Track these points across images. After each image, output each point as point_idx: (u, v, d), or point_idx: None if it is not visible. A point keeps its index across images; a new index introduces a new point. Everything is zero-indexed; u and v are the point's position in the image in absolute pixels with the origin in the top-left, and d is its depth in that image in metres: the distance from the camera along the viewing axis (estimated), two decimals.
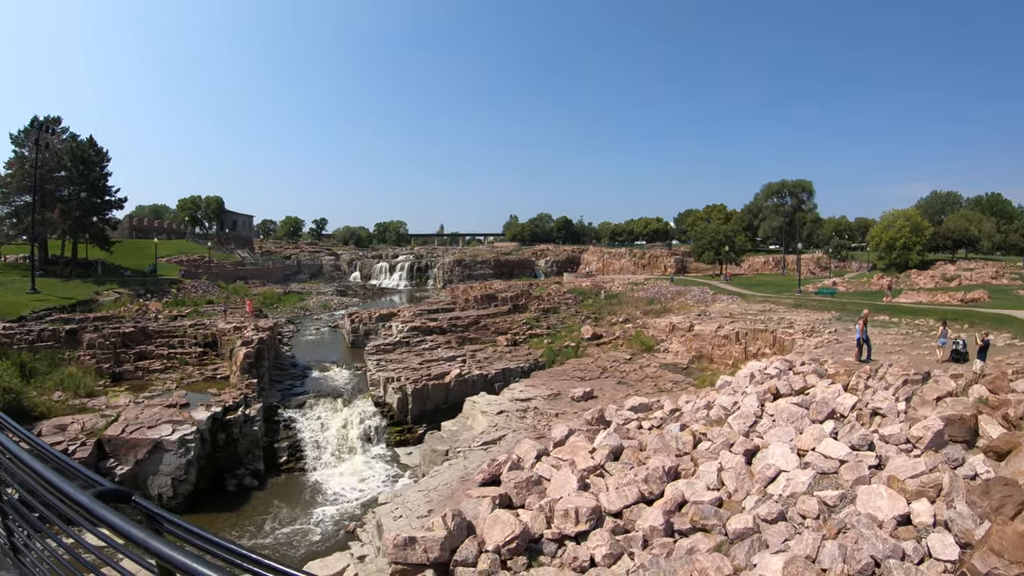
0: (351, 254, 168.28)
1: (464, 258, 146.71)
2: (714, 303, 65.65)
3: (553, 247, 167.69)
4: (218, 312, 59.97)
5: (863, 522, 14.77)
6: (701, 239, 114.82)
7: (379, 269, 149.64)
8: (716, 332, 47.38)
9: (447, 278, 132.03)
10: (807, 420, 21.60)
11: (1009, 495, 15.26)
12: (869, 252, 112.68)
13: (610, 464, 21.45)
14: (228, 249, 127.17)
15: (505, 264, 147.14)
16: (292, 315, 78.88)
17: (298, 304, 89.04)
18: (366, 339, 58.00)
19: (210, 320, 53.91)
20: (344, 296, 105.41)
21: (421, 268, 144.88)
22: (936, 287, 68.64)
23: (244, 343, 42.00)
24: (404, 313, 65.43)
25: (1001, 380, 23.14)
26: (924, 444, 18.20)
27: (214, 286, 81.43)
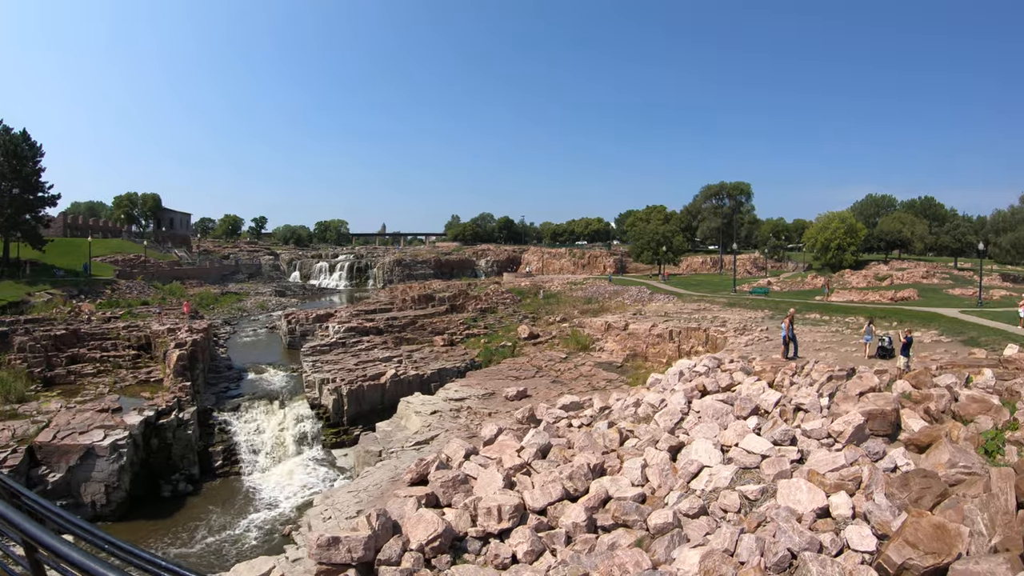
0: (291, 254, 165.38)
1: (404, 258, 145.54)
2: (651, 302, 66.17)
3: (494, 247, 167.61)
4: (153, 314, 58.48)
5: (782, 515, 14.89)
6: (640, 239, 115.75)
7: (319, 269, 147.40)
8: (650, 331, 47.71)
9: (387, 278, 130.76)
10: (732, 416, 21.77)
11: (928, 487, 15.48)
12: (805, 253, 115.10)
13: (537, 462, 21.39)
14: (165, 248, 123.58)
15: (446, 264, 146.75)
16: (229, 316, 77.62)
17: (235, 305, 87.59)
18: (303, 340, 56.99)
19: (144, 322, 52.58)
20: (283, 296, 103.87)
21: (361, 268, 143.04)
22: (868, 286, 70.32)
23: (177, 345, 41.00)
24: (341, 313, 64.84)
25: (924, 375, 23.62)
26: (845, 438, 18.47)
27: (149, 287, 79.35)
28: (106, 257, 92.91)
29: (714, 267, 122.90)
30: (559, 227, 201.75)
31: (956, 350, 31.88)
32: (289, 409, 38.65)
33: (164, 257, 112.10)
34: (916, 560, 12.03)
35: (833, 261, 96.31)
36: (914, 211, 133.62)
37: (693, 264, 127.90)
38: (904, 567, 12.08)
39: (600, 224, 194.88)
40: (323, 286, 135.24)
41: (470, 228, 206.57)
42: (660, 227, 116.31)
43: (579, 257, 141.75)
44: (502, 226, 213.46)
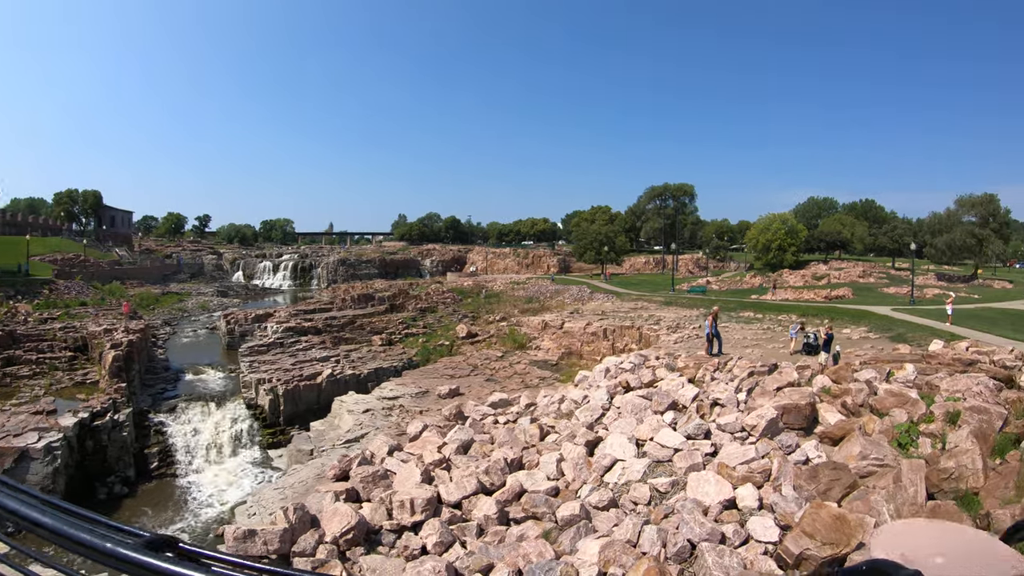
0: (235, 253, 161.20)
1: (349, 257, 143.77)
2: (590, 301, 66.78)
3: (440, 247, 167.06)
4: (91, 314, 56.71)
5: (688, 507, 15.05)
6: (583, 240, 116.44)
7: (263, 268, 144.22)
8: (585, 329, 48.05)
9: (331, 278, 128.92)
10: (650, 412, 21.95)
11: (837, 478, 15.62)
12: (747, 253, 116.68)
13: (457, 457, 21.70)
14: (106, 247, 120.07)
15: (390, 264, 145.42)
16: (169, 317, 75.97)
17: (176, 305, 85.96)
18: (242, 340, 56.23)
19: (81, 323, 51.09)
20: (225, 297, 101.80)
21: (305, 268, 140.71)
22: (805, 285, 71.69)
23: (113, 346, 40.08)
24: (280, 313, 64.04)
25: (845, 371, 23.97)
26: (759, 432, 18.72)
27: (88, 287, 77.02)
28: (45, 256, 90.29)
29: (657, 267, 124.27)
30: (505, 227, 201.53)
31: (883, 346, 32.60)
32: (226, 410, 38.22)
33: (105, 256, 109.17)
34: (813, 550, 12.10)
35: (774, 261, 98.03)
36: (855, 213, 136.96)
37: (636, 264, 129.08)
38: (802, 557, 12.15)
39: (546, 224, 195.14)
40: (267, 286, 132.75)
41: (417, 228, 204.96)
42: (603, 227, 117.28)
43: (523, 257, 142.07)
44: (449, 226, 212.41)
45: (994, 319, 45.41)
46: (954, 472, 14.86)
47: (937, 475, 14.94)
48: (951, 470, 14.90)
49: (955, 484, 14.74)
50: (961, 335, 35.04)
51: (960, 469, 14.86)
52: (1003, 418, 17.75)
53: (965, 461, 15.00)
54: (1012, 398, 20.48)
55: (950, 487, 14.75)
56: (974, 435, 16.26)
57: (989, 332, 37.41)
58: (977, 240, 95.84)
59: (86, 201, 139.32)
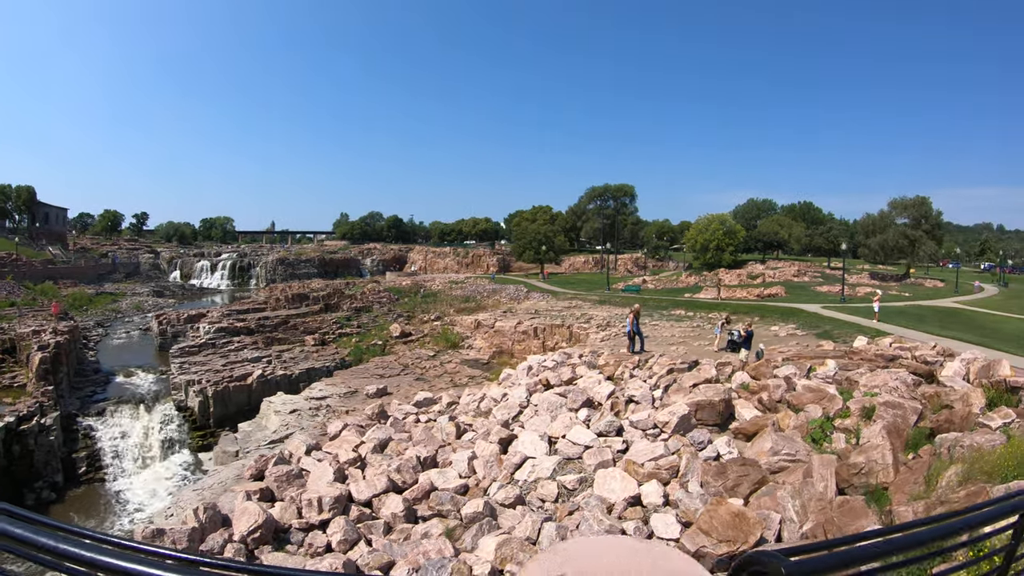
0: (173, 252, 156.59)
1: (288, 256, 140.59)
2: (526, 300, 66.86)
3: (381, 246, 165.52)
4: (19, 315, 54.53)
5: (592, 504, 15.06)
6: (522, 239, 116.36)
7: (200, 268, 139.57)
8: (516, 328, 47.85)
9: (270, 277, 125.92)
10: (565, 409, 21.82)
11: (745, 474, 15.33)
12: (685, 253, 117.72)
13: (373, 456, 21.60)
14: (39, 246, 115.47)
15: (330, 263, 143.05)
16: (103, 318, 73.68)
17: (110, 306, 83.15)
18: (175, 341, 54.85)
19: (9, 324, 49.09)
20: (161, 297, 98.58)
21: (244, 267, 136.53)
22: (740, 284, 72.29)
23: (40, 348, 38.74)
24: (212, 314, 62.69)
25: (765, 367, 23.84)
26: (671, 428, 18.50)
27: (20, 287, 74.23)
28: None
29: (596, 266, 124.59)
30: (448, 226, 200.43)
31: (808, 343, 32.86)
32: (156, 413, 37.75)
33: (38, 255, 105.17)
34: (709, 548, 11.91)
35: (712, 261, 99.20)
36: (793, 215, 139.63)
37: (575, 264, 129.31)
38: (698, 555, 11.89)
39: (488, 224, 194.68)
40: (204, 286, 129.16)
41: (359, 226, 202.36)
42: (542, 227, 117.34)
43: (463, 256, 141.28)
44: (391, 225, 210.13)
45: (922, 316, 46.32)
46: (864, 467, 14.63)
47: (847, 470, 14.70)
48: (861, 465, 14.67)
49: (865, 479, 14.50)
50: (886, 331, 35.52)
51: (870, 464, 14.65)
52: (918, 413, 17.58)
53: (875, 456, 14.79)
54: (929, 393, 20.43)
55: (860, 482, 14.50)
56: (887, 430, 16.07)
57: (916, 328, 38.13)
58: (909, 241, 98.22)
59: (19, 197, 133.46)
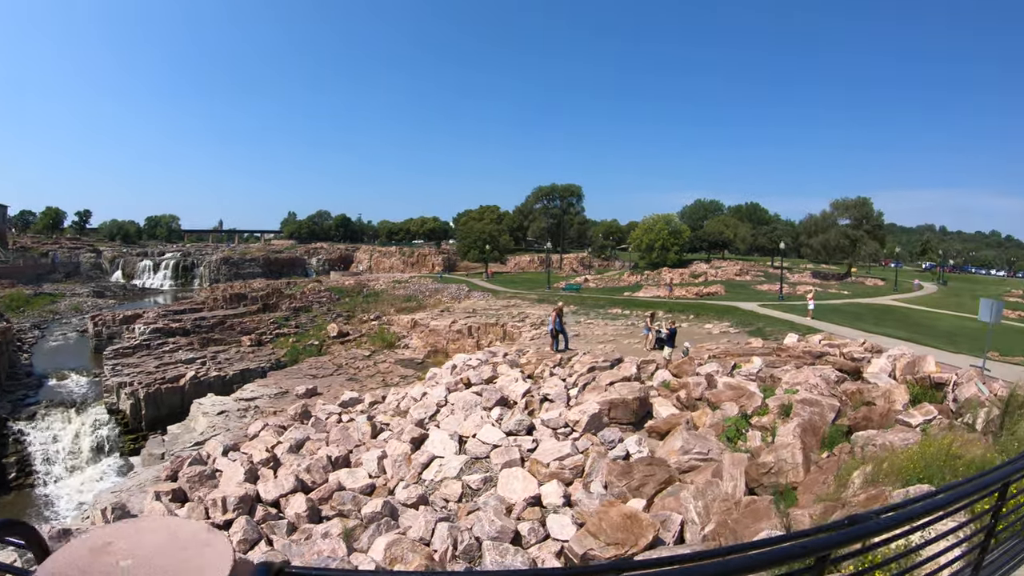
0: (115, 251, 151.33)
1: (233, 256, 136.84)
2: (467, 299, 66.63)
3: (327, 245, 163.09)
4: None
5: (490, 505, 14.93)
6: (467, 238, 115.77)
7: (143, 268, 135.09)
8: (451, 327, 47.49)
9: (213, 277, 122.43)
10: (479, 408, 21.47)
11: (651, 474, 14.87)
12: (631, 252, 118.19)
13: (288, 456, 21.41)
14: None
15: (276, 262, 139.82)
16: (39, 319, 71.76)
17: (48, 307, 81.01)
18: (110, 343, 53.37)
19: None
20: (101, 298, 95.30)
21: (187, 267, 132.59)
22: (681, 283, 72.30)
23: None
24: (148, 315, 60.92)
25: (688, 364, 23.53)
26: (582, 427, 18.22)
27: None
28: None
29: (541, 265, 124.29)
30: (395, 225, 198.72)
31: (740, 340, 32.67)
32: (87, 416, 36.88)
33: None
34: (597, 551, 11.58)
35: (657, 260, 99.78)
36: (740, 215, 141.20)
37: (521, 263, 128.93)
38: (586, 557, 11.62)
39: (436, 223, 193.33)
40: (147, 286, 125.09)
41: (306, 226, 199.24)
42: (488, 226, 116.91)
43: (409, 256, 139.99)
44: (339, 224, 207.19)
45: (859, 313, 46.75)
46: (773, 466, 14.25)
47: (757, 469, 14.32)
48: (770, 464, 14.29)
49: (775, 479, 14.12)
50: (819, 328, 35.62)
51: (780, 463, 14.27)
52: (835, 410, 17.28)
53: (785, 455, 14.41)
54: (851, 390, 20.17)
55: (770, 482, 14.12)
56: (801, 428, 15.73)
57: (849, 326, 38.38)
58: (851, 241, 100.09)
59: None
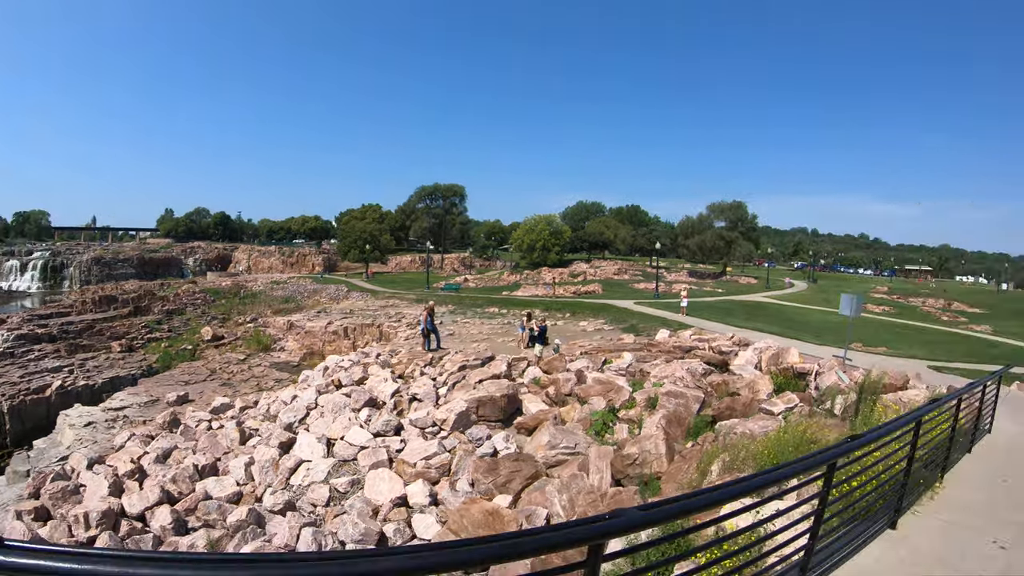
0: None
1: (105, 256, 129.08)
2: (345, 300, 65.47)
3: (205, 244, 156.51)
4: None
5: (356, 507, 14.65)
6: (348, 238, 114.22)
7: (10, 268, 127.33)
8: (326, 328, 46.55)
9: (84, 278, 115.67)
10: (348, 410, 21.08)
11: (518, 470, 14.78)
12: (512, 252, 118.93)
13: (155, 467, 20.52)
14: None
15: (151, 262, 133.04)
16: None
17: None
18: None
19: None
20: None
21: (56, 267, 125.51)
22: (560, 282, 73.02)
23: None
24: (13, 319, 56.76)
25: (559, 361, 23.61)
26: (450, 426, 18.07)
27: None
28: None
29: (423, 265, 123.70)
30: (276, 224, 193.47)
31: (614, 336, 33.08)
32: None
33: None
34: None
35: (538, 260, 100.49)
36: (621, 217, 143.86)
37: (403, 263, 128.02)
38: None
39: (318, 222, 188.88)
40: (13, 288, 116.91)
41: (184, 223, 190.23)
42: (369, 226, 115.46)
43: (288, 256, 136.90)
44: (218, 222, 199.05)
45: (730, 309, 48.33)
46: (638, 457, 14.45)
47: (622, 461, 14.47)
48: (635, 456, 14.48)
49: (640, 469, 14.33)
50: (690, 324, 36.48)
51: (644, 454, 14.49)
52: (700, 401, 17.65)
53: (649, 446, 14.64)
54: (717, 381, 20.63)
55: (635, 472, 14.31)
56: (666, 419, 15.96)
57: (721, 321, 39.68)
58: (726, 242, 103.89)
59: None
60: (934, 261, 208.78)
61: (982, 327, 52.11)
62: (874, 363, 24.20)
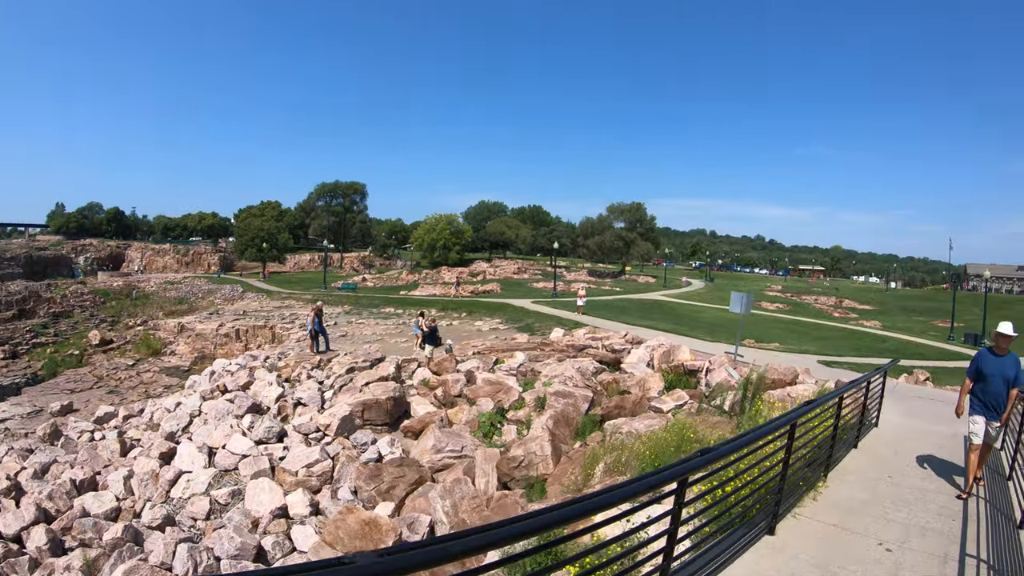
0: None
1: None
2: (240, 300, 64.03)
3: (97, 242, 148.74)
4: None
5: (234, 520, 14.00)
6: (244, 236, 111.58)
7: None
8: (217, 331, 45.09)
9: None
10: (232, 416, 20.20)
11: (402, 475, 14.46)
12: (413, 251, 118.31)
13: (31, 483, 19.07)
14: None
15: (39, 261, 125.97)
16: None
17: None
18: None
19: None
20: None
21: None
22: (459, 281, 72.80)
23: None
24: None
25: (449, 362, 23.35)
26: (333, 431, 17.59)
27: None
28: None
29: (322, 264, 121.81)
30: (172, 221, 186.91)
31: (509, 336, 32.93)
32: None
33: None
34: None
35: (439, 259, 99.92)
36: (523, 217, 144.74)
37: (301, 262, 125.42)
38: None
39: (216, 219, 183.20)
40: None
41: (75, 219, 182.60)
42: (266, 223, 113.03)
43: (183, 254, 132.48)
44: (111, 218, 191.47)
45: (625, 308, 48.87)
46: (524, 460, 14.23)
47: (508, 464, 14.21)
48: (520, 458, 14.27)
49: (526, 472, 14.13)
50: (586, 323, 36.65)
51: (529, 456, 14.28)
52: (589, 400, 17.61)
53: (534, 448, 14.44)
54: (608, 380, 20.71)
55: (522, 475, 14.11)
56: (553, 420, 15.83)
57: (616, 319, 40.02)
58: (625, 242, 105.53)
59: None
60: (827, 262, 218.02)
61: (872, 323, 54.70)
62: (766, 359, 24.73)
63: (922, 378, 23.70)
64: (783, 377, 18.24)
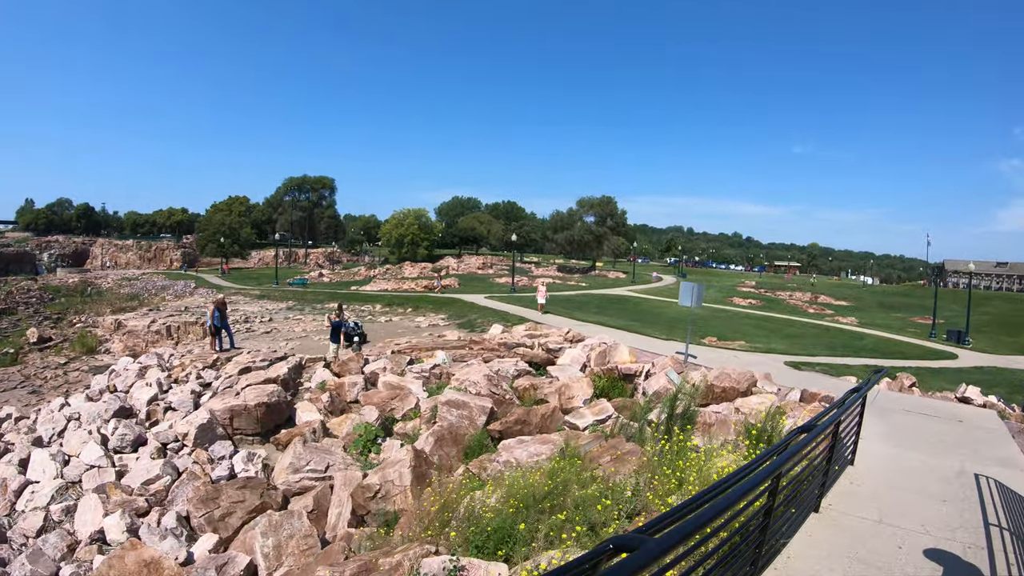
0: None
1: None
2: (190, 296, 62.37)
3: (63, 238, 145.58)
4: None
5: (50, 542, 12.15)
6: (206, 231, 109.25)
7: None
8: (149, 327, 42.90)
9: None
10: (101, 420, 18.15)
11: (240, 500, 12.38)
12: (381, 247, 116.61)
13: None
14: None
15: (3, 258, 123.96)
16: None
17: None
18: None
19: None
20: None
21: None
22: (420, 276, 71.08)
23: None
24: None
25: (354, 362, 21.70)
26: (191, 440, 15.59)
27: None
28: None
29: (286, 260, 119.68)
30: (142, 217, 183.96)
31: (447, 332, 31.34)
32: None
33: None
34: None
35: (407, 255, 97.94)
36: (497, 213, 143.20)
37: (266, 258, 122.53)
38: None
39: (184, 215, 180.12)
40: None
41: (44, 215, 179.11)
42: (228, 218, 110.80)
43: (146, 250, 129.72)
44: (80, 214, 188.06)
45: (585, 303, 47.85)
46: (379, 489, 11.63)
47: (363, 493, 11.64)
48: (375, 487, 11.66)
49: (382, 504, 11.41)
50: (532, 319, 35.15)
51: (387, 485, 11.67)
52: (487, 412, 15.26)
53: (392, 475, 11.85)
54: (525, 385, 18.68)
55: (378, 508, 11.36)
56: (439, 436, 13.95)
57: (570, 316, 38.53)
58: (595, 236, 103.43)
59: None
60: (803, 258, 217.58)
61: (848, 319, 53.55)
62: (724, 360, 22.72)
63: (907, 383, 20.77)
64: (735, 385, 15.83)
